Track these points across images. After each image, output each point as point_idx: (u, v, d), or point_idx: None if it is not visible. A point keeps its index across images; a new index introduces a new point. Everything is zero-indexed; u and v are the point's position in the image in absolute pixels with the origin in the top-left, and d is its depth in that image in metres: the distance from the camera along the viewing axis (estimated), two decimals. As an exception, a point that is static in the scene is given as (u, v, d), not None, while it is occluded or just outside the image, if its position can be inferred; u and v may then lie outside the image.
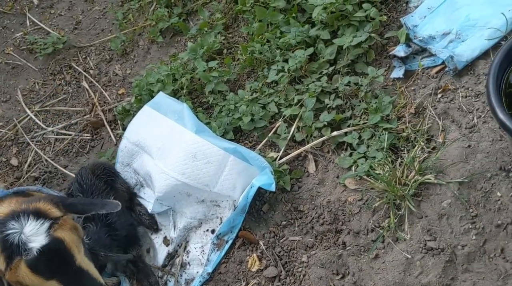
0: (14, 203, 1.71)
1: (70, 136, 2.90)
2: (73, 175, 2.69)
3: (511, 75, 1.81)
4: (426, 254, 1.90)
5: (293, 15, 2.63)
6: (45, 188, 2.19)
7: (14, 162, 2.92)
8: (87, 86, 3.07)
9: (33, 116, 3.05)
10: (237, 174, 2.22)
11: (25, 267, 1.56)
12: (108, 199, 2.13)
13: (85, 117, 2.95)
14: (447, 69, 2.28)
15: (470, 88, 2.22)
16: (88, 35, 3.35)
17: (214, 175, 2.21)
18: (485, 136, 2.06)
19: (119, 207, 1.79)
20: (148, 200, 2.37)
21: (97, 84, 3.08)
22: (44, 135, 2.97)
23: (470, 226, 1.91)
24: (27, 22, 3.53)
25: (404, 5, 2.57)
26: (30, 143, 2.94)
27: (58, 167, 2.78)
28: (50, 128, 2.98)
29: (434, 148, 2.13)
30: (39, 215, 1.64)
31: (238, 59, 2.73)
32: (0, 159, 2.96)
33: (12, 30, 3.54)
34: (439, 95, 2.26)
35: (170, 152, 2.26)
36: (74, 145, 2.87)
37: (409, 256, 1.91)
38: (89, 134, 2.88)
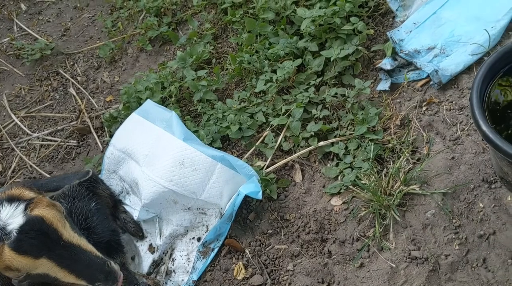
0: None
1: (56, 143, 2.88)
2: (58, 181, 2.68)
3: (493, 91, 1.86)
4: (411, 263, 1.92)
5: (282, 26, 2.67)
6: None
7: (-2, 167, 2.89)
8: (74, 93, 3.06)
9: (19, 122, 3.03)
10: (224, 182, 2.23)
11: (9, 250, 1.54)
12: (90, 203, 2.11)
13: (71, 123, 2.93)
14: (432, 82, 2.34)
15: (454, 102, 2.27)
16: (76, 42, 3.35)
17: (201, 182, 2.21)
18: (469, 149, 2.11)
19: (90, 173, 1.81)
20: (134, 207, 2.36)
21: (84, 91, 3.07)
22: (29, 141, 2.95)
23: (454, 236, 1.94)
24: (15, 27, 3.52)
25: (390, 19, 2.63)
26: (15, 148, 2.91)
27: (43, 173, 2.76)
28: (35, 134, 2.95)
29: (418, 159, 2.16)
30: (12, 199, 1.62)
31: (227, 69, 2.76)
32: (-16, 164, 2.92)
33: (-1, 35, 3.53)
34: (424, 108, 2.30)
35: (157, 159, 2.26)
36: (60, 151, 2.85)
37: (394, 265, 1.93)
38: (75, 141, 2.87)
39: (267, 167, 2.37)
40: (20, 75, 3.27)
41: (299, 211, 2.24)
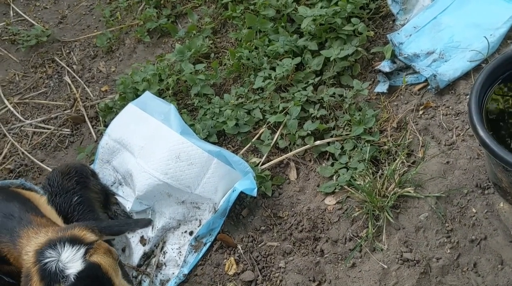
0: (51, 232, 1.71)
1: (49, 131, 2.85)
2: (50, 169, 2.65)
3: (491, 98, 1.88)
4: (402, 265, 1.94)
5: (282, 24, 2.67)
6: (28, 182, 2.14)
7: (-12, 152, 2.85)
8: (69, 81, 3.04)
9: (11, 108, 2.99)
10: (219, 177, 2.22)
11: None
12: (72, 197, 2.12)
13: (65, 112, 2.91)
14: (429, 87, 2.35)
15: (450, 107, 2.28)
16: (73, 30, 3.32)
17: (196, 176, 2.20)
18: (463, 154, 2.13)
19: (152, 223, 1.88)
20: (127, 198, 2.34)
21: (79, 79, 3.04)
22: (22, 128, 2.92)
23: (445, 240, 1.96)
24: (11, 12, 3.48)
25: (391, 22, 2.64)
26: (7, 134, 2.88)
27: (35, 160, 2.73)
28: (28, 121, 2.92)
29: (413, 162, 2.18)
30: (74, 241, 1.64)
31: (225, 64, 2.75)
32: (-26, 149, 2.88)
33: (-6, 19, 3.48)
34: (421, 112, 2.32)
35: (153, 151, 2.25)
36: (52, 139, 2.82)
37: (386, 266, 1.94)
38: (68, 130, 2.84)
39: (262, 164, 2.37)
40: (14, 61, 3.23)
41: (292, 209, 2.25)
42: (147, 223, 1.85)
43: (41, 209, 1.94)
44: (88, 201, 2.16)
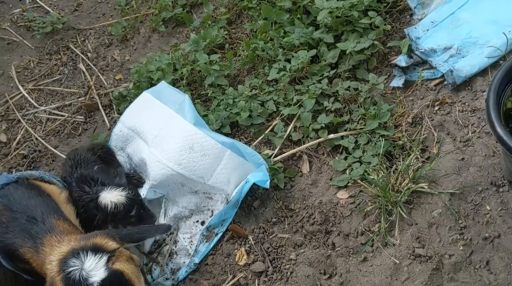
0: (73, 241, 1.74)
1: (62, 117, 2.87)
2: (63, 156, 2.67)
3: (509, 95, 1.86)
4: (414, 261, 1.93)
5: (298, 16, 2.66)
6: (46, 174, 2.14)
7: (2, 138, 2.87)
8: (84, 69, 3.04)
9: (26, 94, 3.01)
10: (232, 169, 2.22)
11: None
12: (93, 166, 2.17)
13: (79, 99, 2.92)
14: (446, 82, 2.33)
15: (467, 103, 2.26)
16: (88, 18, 3.33)
17: (209, 167, 2.21)
18: (479, 151, 2.11)
19: (171, 229, 1.96)
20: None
21: (94, 67, 3.05)
22: (36, 114, 2.93)
23: (458, 237, 1.94)
24: (27, -1, 3.49)
25: (408, 16, 2.62)
26: (21, 120, 2.89)
27: (48, 146, 2.74)
28: (42, 108, 2.94)
29: (428, 158, 2.16)
30: (97, 249, 1.66)
31: (240, 55, 2.74)
32: (-12, 134, 2.90)
33: (10, 5, 3.49)
34: (436, 108, 2.30)
35: (167, 141, 2.25)
36: (66, 126, 2.84)
37: (397, 261, 1.94)
38: (82, 117, 2.85)
39: (275, 156, 2.36)
40: (29, 47, 3.24)
41: (304, 202, 2.24)
42: (167, 228, 1.89)
43: (61, 208, 1.95)
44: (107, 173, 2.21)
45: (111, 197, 1.95)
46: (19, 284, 1.89)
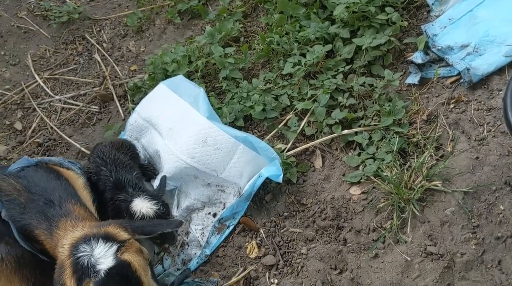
0: (87, 227, 1.76)
1: (77, 107, 2.89)
2: (77, 145, 2.69)
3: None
4: (425, 258, 1.93)
5: (314, 10, 2.65)
6: (66, 160, 2.16)
7: (18, 126, 2.90)
8: (99, 59, 3.06)
9: (42, 83, 3.03)
10: (245, 163, 2.23)
11: None
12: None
13: (94, 89, 2.94)
14: (462, 80, 2.31)
15: (482, 102, 2.25)
16: (104, 9, 3.34)
17: (222, 161, 2.22)
18: (493, 150, 2.09)
19: (183, 224, 1.92)
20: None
21: (109, 58, 3.06)
22: (51, 103, 2.96)
23: (471, 236, 1.94)
24: (44, -12, 3.50)
25: (425, 13, 2.60)
26: (37, 108, 2.92)
27: (63, 135, 2.77)
28: (57, 97, 2.96)
29: (442, 156, 2.15)
30: (108, 238, 1.68)
31: (255, 49, 2.74)
32: (4, 122, 2.93)
33: (27, -6, 3.51)
34: (452, 106, 2.28)
35: (181, 134, 2.26)
36: (81, 116, 2.86)
37: (409, 259, 1.94)
38: (97, 107, 2.87)
39: (288, 150, 2.37)
40: (45, 36, 3.26)
41: (316, 197, 2.25)
42: (178, 224, 1.89)
43: (78, 193, 1.97)
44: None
45: (142, 206, 1.97)
46: (36, 264, 1.91)
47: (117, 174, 2.10)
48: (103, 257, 1.63)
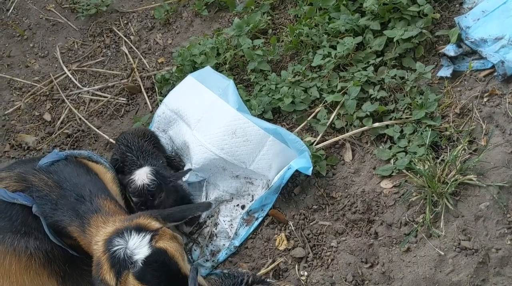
0: (117, 222, 1.77)
1: (105, 99, 2.91)
2: (106, 136, 2.71)
3: None
4: (459, 253, 1.90)
5: (344, 2, 2.62)
6: (95, 154, 2.17)
7: (47, 117, 2.93)
8: (126, 51, 3.07)
9: (70, 75, 3.06)
10: (274, 155, 2.22)
11: (133, 279, 1.61)
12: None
13: (122, 81, 2.95)
14: (496, 73, 2.27)
15: (517, 96, 2.20)
16: (131, 1, 3.35)
17: (251, 153, 2.21)
18: (529, 145, 2.05)
19: (212, 206, 1.92)
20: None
21: (136, 50, 3.07)
22: (79, 95, 2.98)
23: (506, 231, 1.90)
24: (72, -19, 3.53)
25: (457, 5, 2.55)
26: (66, 100, 2.94)
27: (92, 126, 2.79)
28: (86, 89, 2.98)
29: (475, 150, 2.12)
30: (140, 229, 1.69)
31: (283, 41, 2.72)
32: (33, 113, 2.96)
33: (56, -13, 3.54)
34: (485, 99, 2.24)
35: (210, 125, 2.26)
36: (109, 107, 2.88)
37: (442, 253, 1.91)
38: (125, 99, 2.89)
39: (317, 143, 2.35)
40: (74, 29, 3.28)
41: (346, 190, 2.23)
42: (207, 206, 1.88)
43: (108, 187, 1.98)
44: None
45: (139, 175, 1.98)
46: (65, 258, 1.93)
47: (143, 159, 2.11)
48: (138, 247, 1.64)
